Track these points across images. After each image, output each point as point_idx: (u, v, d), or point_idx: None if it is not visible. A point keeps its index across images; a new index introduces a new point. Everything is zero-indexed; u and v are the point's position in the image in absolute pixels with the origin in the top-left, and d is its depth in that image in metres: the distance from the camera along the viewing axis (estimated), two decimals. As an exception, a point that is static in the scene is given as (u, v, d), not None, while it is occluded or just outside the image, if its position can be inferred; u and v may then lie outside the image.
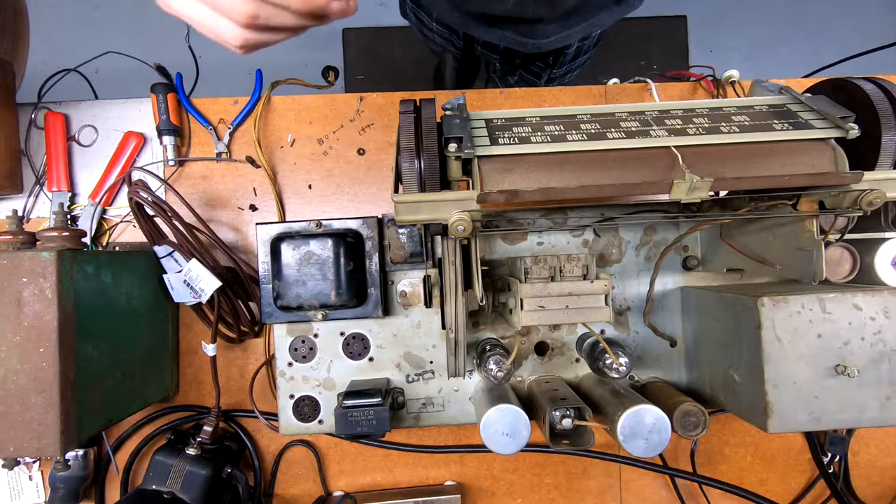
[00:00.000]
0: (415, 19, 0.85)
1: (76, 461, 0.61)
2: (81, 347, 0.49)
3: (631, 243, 0.59)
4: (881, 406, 0.44)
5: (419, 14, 0.82)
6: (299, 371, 0.57)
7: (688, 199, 0.41)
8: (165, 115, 0.64)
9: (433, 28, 0.83)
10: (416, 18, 0.84)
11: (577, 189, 0.41)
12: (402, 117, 0.44)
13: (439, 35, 0.84)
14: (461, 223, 0.40)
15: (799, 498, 0.69)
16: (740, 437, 0.69)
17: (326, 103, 0.68)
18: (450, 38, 0.84)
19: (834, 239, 0.52)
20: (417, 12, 0.82)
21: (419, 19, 0.84)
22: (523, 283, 0.46)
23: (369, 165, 0.68)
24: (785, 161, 0.43)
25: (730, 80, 0.70)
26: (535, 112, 0.48)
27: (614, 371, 0.50)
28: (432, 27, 0.83)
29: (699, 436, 0.48)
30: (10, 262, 0.46)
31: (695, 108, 0.47)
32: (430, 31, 0.85)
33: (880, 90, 0.44)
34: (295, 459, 0.67)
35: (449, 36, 0.83)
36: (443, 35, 0.84)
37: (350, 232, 0.55)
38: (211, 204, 0.67)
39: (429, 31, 0.85)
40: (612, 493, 0.69)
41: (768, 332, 0.44)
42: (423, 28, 0.85)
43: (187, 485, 0.56)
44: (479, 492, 0.68)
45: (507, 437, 0.47)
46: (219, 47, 0.40)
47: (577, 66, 0.88)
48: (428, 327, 0.58)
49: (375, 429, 0.50)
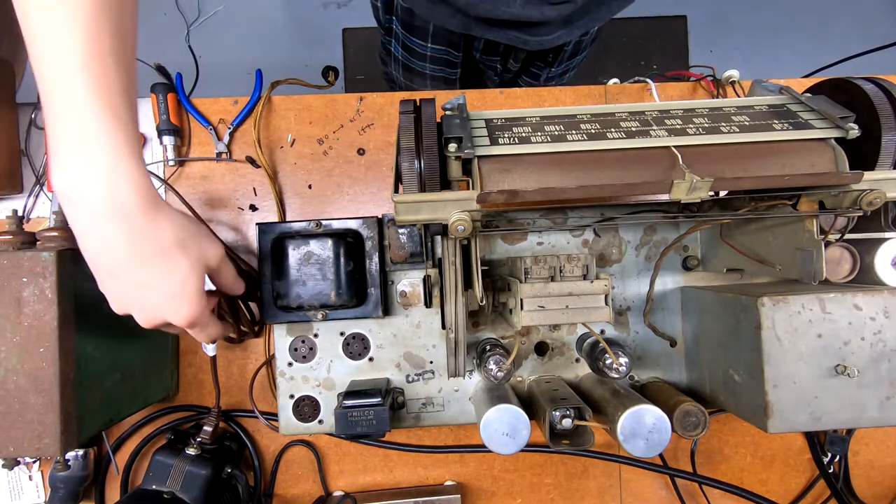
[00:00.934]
0: (401, 53, 0.81)
1: (76, 461, 0.61)
2: (81, 347, 0.49)
3: (631, 243, 0.59)
4: (881, 406, 0.44)
5: (410, 41, 0.78)
6: (299, 371, 0.57)
7: (688, 199, 0.41)
8: (165, 114, 0.64)
9: (427, 55, 0.79)
10: (405, 49, 0.80)
11: (577, 189, 0.41)
12: (402, 117, 0.44)
13: (432, 62, 0.81)
14: (461, 223, 0.40)
15: (799, 498, 0.69)
16: (740, 437, 0.69)
17: (326, 103, 0.68)
18: (446, 56, 0.80)
19: (834, 239, 0.52)
20: (409, 40, 0.78)
21: (408, 49, 0.80)
22: (523, 283, 0.46)
23: (369, 165, 0.68)
24: (785, 161, 0.43)
25: (730, 80, 0.70)
26: (535, 112, 0.48)
27: (614, 371, 0.50)
28: (426, 54, 0.79)
29: (699, 436, 0.48)
30: (10, 262, 0.46)
31: (695, 108, 0.47)
32: (422, 61, 0.81)
33: (880, 90, 0.44)
34: (295, 459, 0.67)
35: (446, 54, 0.80)
36: (436, 60, 0.80)
37: (350, 232, 0.55)
38: (211, 204, 0.67)
39: (420, 59, 0.81)
40: (612, 493, 0.69)
41: (768, 332, 0.44)
42: (412, 58, 0.81)
43: (187, 485, 0.56)
44: (479, 492, 0.68)
45: (507, 437, 0.47)
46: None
47: (574, 64, 0.87)
48: (428, 327, 0.58)
49: (375, 429, 0.50)
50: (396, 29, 0.78)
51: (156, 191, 0.40)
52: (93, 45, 0.35)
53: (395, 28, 0.78)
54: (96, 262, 0.40)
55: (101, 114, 0.36)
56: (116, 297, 0.42)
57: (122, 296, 0.42)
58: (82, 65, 0.35)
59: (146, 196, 0.38)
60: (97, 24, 0.35)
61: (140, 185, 0.38)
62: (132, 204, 0.37)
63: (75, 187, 0.36)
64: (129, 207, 0.37)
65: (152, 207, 0.39)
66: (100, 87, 0.36)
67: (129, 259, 0.39)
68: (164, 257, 0.40)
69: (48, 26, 0.35)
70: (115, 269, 0.40)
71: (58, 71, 0.35)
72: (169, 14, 1.70)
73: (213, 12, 1.72)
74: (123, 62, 0.37)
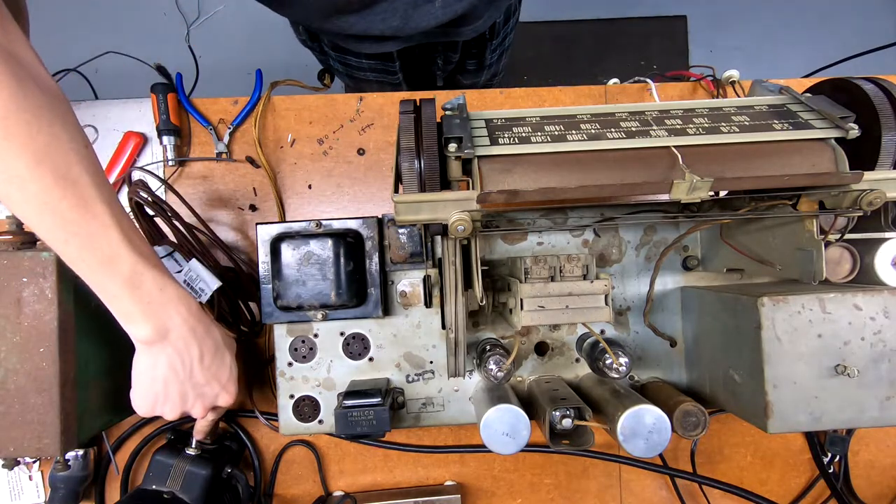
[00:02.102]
0: (341, 68, 0.82)
1: (76, 461, 0.61)
2: (81, 347, 0.49)
3: (631, 243, 0.59)
4: (881, 406, 0.44)
5: (345, 59, 0.79)
6: (299, 371, 0.57)
7: (688, 199, 0.41)
8: (165, 115, 0.64)
9: (363, 65, 0.79)
10: (342, 65, 0.81)
11: (577, 189, 0.41)
12: (402, 117, 0.44)
13: (371, 70, 0.81)
14: (461, 223, 0.40)
15: (799, 498, 0.69)
16: (740, 437, 0.69)
17: (326, 103, 0.68)
18: (383, 66, 0.80)
19: (834, 239, 0.52)
20: (343, 58, 0.78)
21: (345, 64, 0.80)
22: (523, 283, 0.46)
23: (369, 165, 0.68)
24: (785, 161, 0.43)
25: (730, 80, 0.70)
26: (535, 112, 0.48)
27: (614, 371, 0.50)
28: (362, 64, 0.79)
29: (699, 436, 0.48)
30: (10, 262, 0.46)
31: (695, 108, 0.47)
32: (361, 71, 0.81)
33: (880, 90, 0.44)
34: (295, 459, 0.67)
35: (382, 65, 0.80)
36: (374, 68, 0.80)
37: (350, 232, 0.55)
38: (211, 204, 0.67)
39: (358, 70, 0.81)
40: (612, 493, 0.69)
41: (768, 332, 0.44)
42: (352, 70, 0.82)
43: (187, 485, 0.56)
44: (479, 492, 0.68)
45: (507, 437, 0.47)
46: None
47: (510, 35, 0.86)
48: (428, 327, 0.58)
49: (375, 429, 0.50)
50: (328, 50, 0.78)
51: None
52: (115, 224, 0.40)
53: (326, 49, 0.78)
54: (181, 367, 0.47)
55: (147, 269, 0.42)
56: (181, 395, 0.48)
57: (187, 393, 0.49)
58: (125, 247, 0.41)
59: (197, 303, 0.47)
60: (107, 209, 0.40)
61: (189, 296, 0.46)
62: (198, 309, 0.47)
63: (164, 328, 0.44)
64: (199, 313, 0.46)
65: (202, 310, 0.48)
66: (135, 256, 0.41)
67: (211, 352, 0.48)
68: (220, 349, 0.49)
69: (76, 230, 0.39)
70: (199, 363, 0.47)
71: (104, 260, 0.40)
72: (169, 14, 1.70)
73: (213, 12, 1.72)
74: (123, 214, 0.41)
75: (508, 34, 0.86)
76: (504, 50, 0.88)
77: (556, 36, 1.76)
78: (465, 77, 0.91)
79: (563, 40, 1.76)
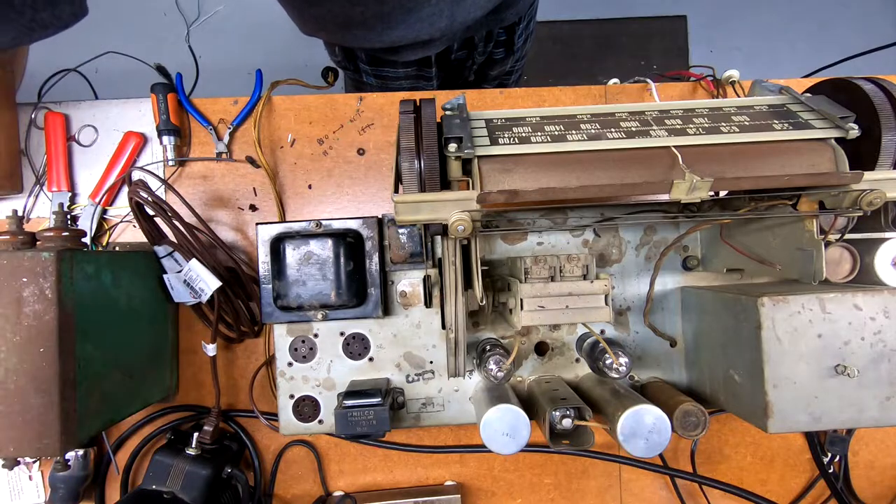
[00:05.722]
0: (375, 81, 0.81)
1: (76, 461, 0.61)
2: (81, 347, 0.49)
3: (631, 243, 0.59)
4: (881, 406, 0.44)
5: (381, 71, 0.78)
6: (299, 371, 0.57)
7: (688, 199, 0.41)
8: (165, 115, 0.64)
9: (399, 74, 0.79)
10: (378, 78, 0.80)
11: (577, 189, 0.41)
12: (402, 117, 0.44)
13: (406, 78, 0.80)
14: (461, 223, 0.40)
15: (799, 498, 0.69)
16: (740, 437, 0.69)
17: (326, 103, 0.68)
18: (418, 73, 0.80)
19: (834, 239, 0.52)
20: (379, 71, 0.78)
21: (380, 77, 0.79)
22: (523, 283, 0.46)
23: (369, 165, 0.68)
24: (785, 161, 0.43)
25: (730, 80, 0.70)
26: (535, 112, 0.48)
27: (614, 371, 0.50)
28: (398, 74, 0.79)
29: (699, 436, 0.48)
30: (10, 262, 0.46)
31: (695, 108, 0.47)
32: (396, 80, 0.81)
33: (880, 90, 0.44)
34: (295, 459, 0.67)
35: (417, 72, 0.79)
36: (410, 75, 0.80)
37: (350, 232, 0.55)
38: (211, 204, 0.67)
39: (394, 80, 0.80)
40: (612, 493, 0.69)
41: (768, 332, 0.44)
42: (388, 82, 0.81)
43: (187, 485, 0.56)
44: (479, 492, 0.68)
45: (507, 437, 0.47)
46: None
47: (529, 31, 0.86)
48: (428, 327, 0.58)
49: (375, 429, 0.50)
50: (364, 66, 0.78)
51: None
52: None
53: (362, 66, 0.78)
54: None
55: None
56: None
57: None
58: None
59: None
60: None
61: None
62: None
63: None
64: None
65: None
66: None
67: None
68: None
69: None
70: None
71: None
72: (169, 14, 1.70)
73: (213, 12, 1.72)
74: None
75: (533, 17, 0.86)
76: (529, 34, 0.88)
77: (556, 36, 1.76)
78: (492, 68, 0.91)
79: (563, 40, 1.76)
